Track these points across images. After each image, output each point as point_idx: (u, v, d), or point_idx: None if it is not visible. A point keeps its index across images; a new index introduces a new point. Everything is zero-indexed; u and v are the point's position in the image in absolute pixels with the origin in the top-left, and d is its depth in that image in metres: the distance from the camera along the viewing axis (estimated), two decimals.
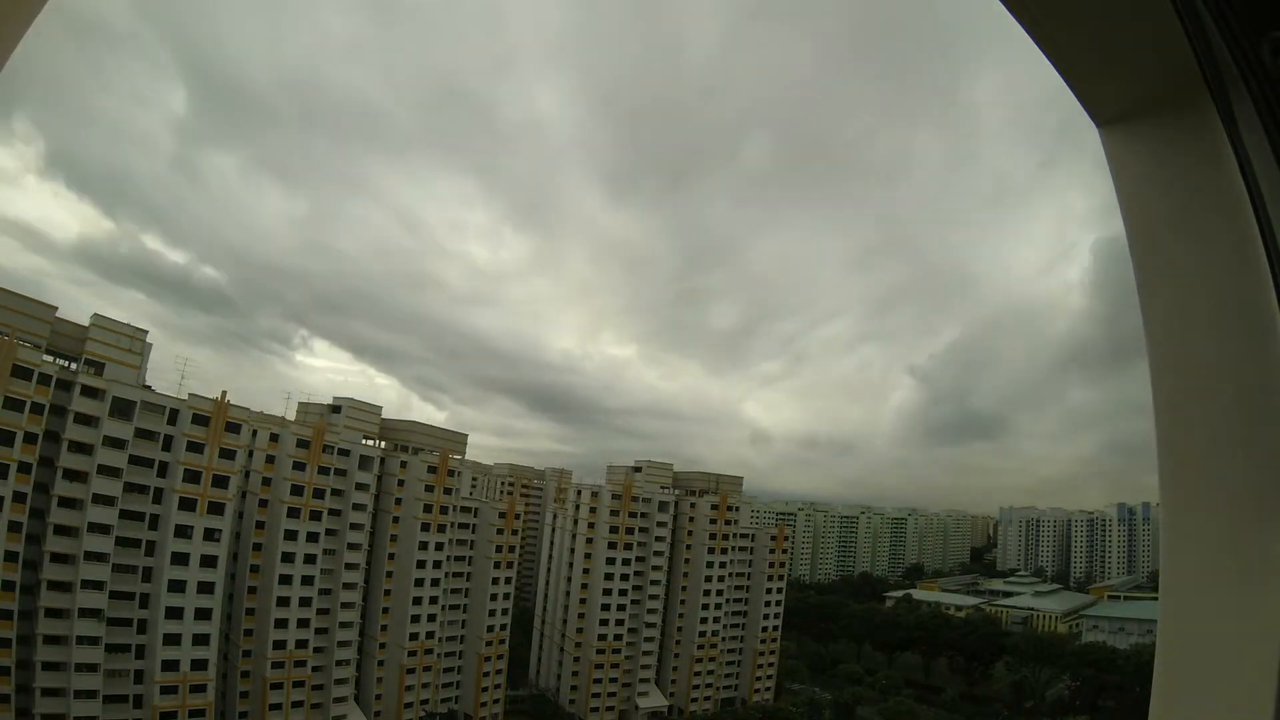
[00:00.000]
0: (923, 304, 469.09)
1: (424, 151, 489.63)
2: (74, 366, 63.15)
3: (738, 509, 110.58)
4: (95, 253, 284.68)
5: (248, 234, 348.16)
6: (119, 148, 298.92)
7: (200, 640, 65.78)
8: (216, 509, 67.51)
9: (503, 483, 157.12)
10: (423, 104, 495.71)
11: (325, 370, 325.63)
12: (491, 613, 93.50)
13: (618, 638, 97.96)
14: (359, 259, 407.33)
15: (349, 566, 79.69)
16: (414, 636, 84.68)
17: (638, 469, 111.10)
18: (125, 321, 66.77)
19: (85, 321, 64.33)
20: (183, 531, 65.48)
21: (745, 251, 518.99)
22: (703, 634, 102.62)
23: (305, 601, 75.40)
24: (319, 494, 76.95)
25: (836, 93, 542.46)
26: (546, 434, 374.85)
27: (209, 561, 66.76)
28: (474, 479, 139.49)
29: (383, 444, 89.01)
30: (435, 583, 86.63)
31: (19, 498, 57.16)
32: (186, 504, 65.65)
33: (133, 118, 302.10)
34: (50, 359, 61.09)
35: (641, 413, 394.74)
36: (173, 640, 64.29)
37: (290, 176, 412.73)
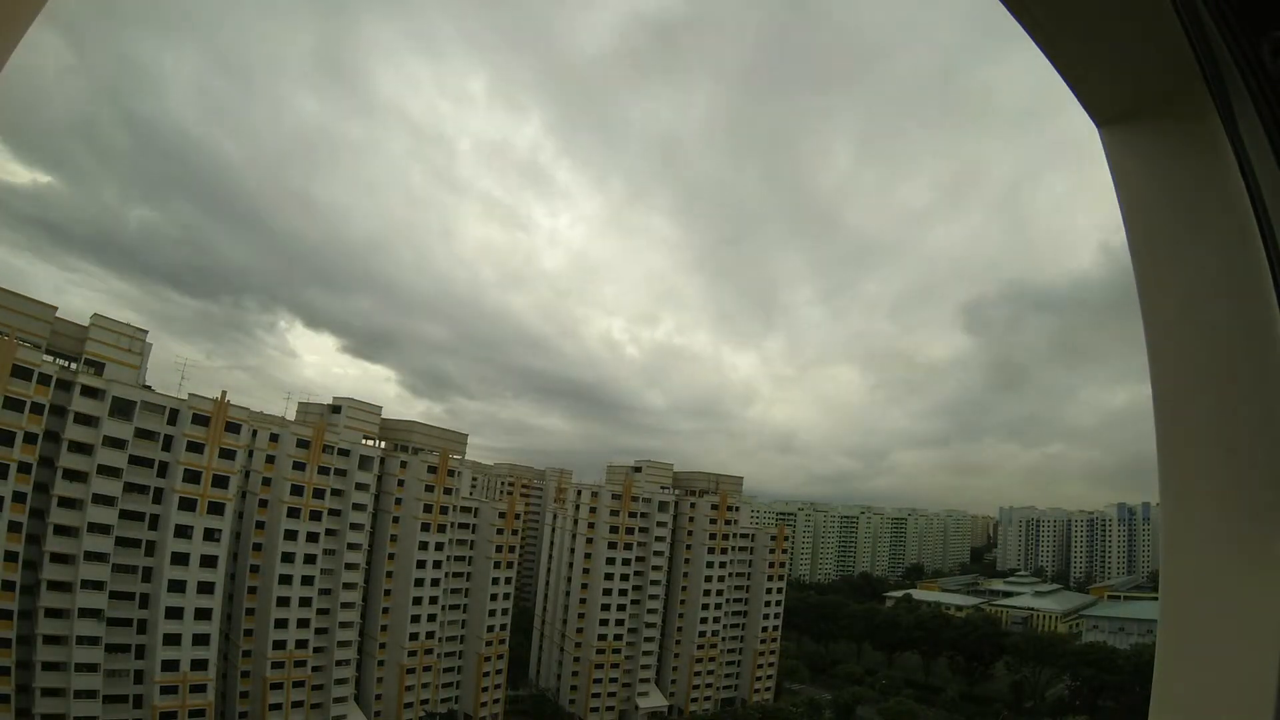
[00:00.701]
0: (937, 302, 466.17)
1: (446, 25, 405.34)
2: (74, 366, 63.16)
3: (738, 509, 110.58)
4: (48, 218, 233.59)
5: (217, 179, 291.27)
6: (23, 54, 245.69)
7: (200, 640, 65.78)
8: (216, 509, 67.52)
9: (503, 482, 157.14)
10: None
11: (324, 366, 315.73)
12: (491, 613, 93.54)
13: (618, 638, 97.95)
14: (356, 213, 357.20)
15: (349, 566, 79.72)
16: (414, 636, 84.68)
17: (637, 469, 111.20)
18: (119, 320, 66.90)
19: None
20: (183, 531, 65.49)
21: (787, 234, 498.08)
22: (703, 634, 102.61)
23: (305, 601, 75.45)
24: (319, 494, 76.98)
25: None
26: (568, 432, 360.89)
27: (209, 561, 66.78)
28: (474, 479, 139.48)
29: (383, 444, 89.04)
30: (435, 583, 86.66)
31: (19, 498, 57.17)
32: (186, 504, 65.66)
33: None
34: (50, 359, 61.10)
35: (660, 411, 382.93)
36: (173, 640, 64.28)
37: (258, 74, 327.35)
